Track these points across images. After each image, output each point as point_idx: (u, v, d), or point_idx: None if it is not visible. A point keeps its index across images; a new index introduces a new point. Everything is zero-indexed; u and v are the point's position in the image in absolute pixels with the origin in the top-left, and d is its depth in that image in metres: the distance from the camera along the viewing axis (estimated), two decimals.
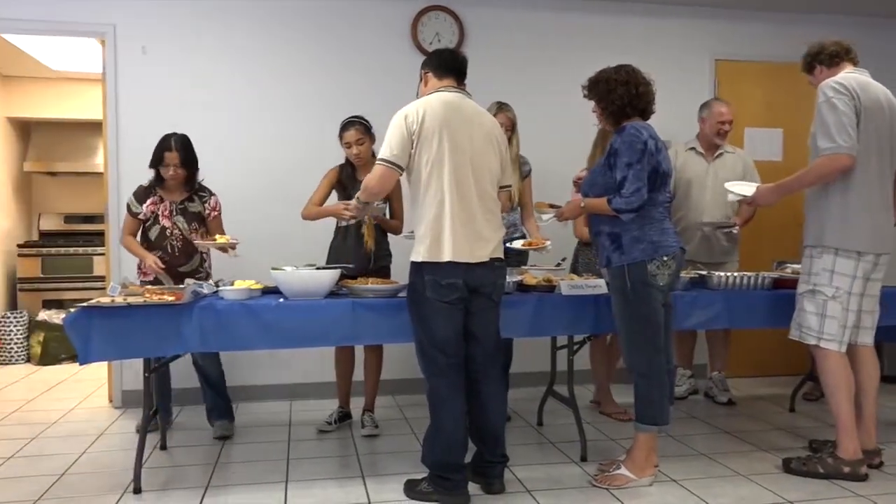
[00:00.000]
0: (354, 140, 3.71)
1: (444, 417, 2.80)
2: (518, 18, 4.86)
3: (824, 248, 3.03)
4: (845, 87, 2.96)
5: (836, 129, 2.91)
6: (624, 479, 2.99)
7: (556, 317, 3.22)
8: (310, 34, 4.63)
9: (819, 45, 3.19)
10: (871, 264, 3.03)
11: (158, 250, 3.69)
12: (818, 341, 3.03)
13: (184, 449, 3.60)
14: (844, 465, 3.03)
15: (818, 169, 2.98)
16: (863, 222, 3.00)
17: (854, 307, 3.03)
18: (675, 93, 4.79)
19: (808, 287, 3.08)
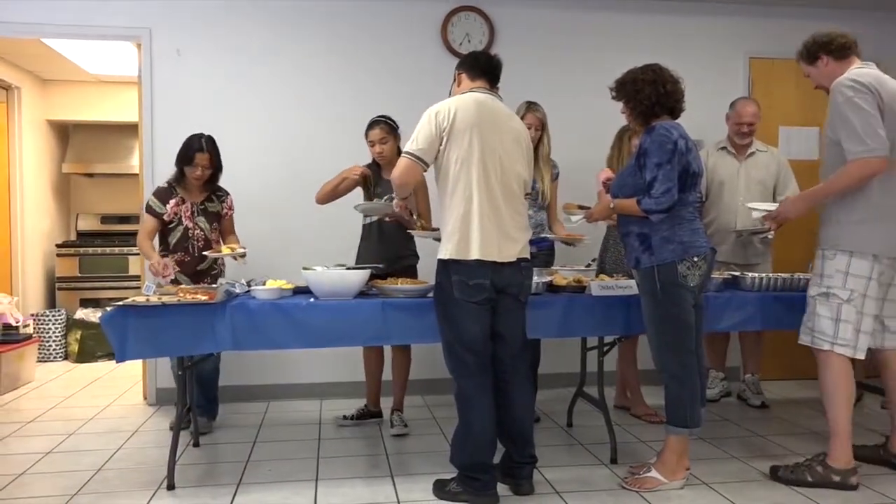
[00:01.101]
0: (378, 139, 3.74)
1: (472, 418, 2.80)
2: (548, 18, 4.85)
3: (839, 249, 2.91)
4: (864, 85, 2.82)
5: (864, 130, 2.77)
6: (654, 481, 2.96)
7: (586, 318, 3.21)
8: (341, 35, 4.67)
9: (827, 34, 3.01)
10: (888, 267, 2.93)
11: (181, 251, 3.75)
12: (832, 347, 2.92)
13: (216, 446, 3.66)
14: (835, 473, 2.94)
15: (852, 174, 2.82)
16: (881, 225, 2.88)
17: (870, 311, 2.91)
18: (709, 92, 4.74)
19: (820, 290, 2.96)
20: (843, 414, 2.93)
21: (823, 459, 3.00)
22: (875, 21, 5.14)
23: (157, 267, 3.62)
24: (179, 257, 3.75)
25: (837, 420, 2.94)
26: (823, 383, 2.98)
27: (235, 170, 4.25)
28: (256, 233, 4.35)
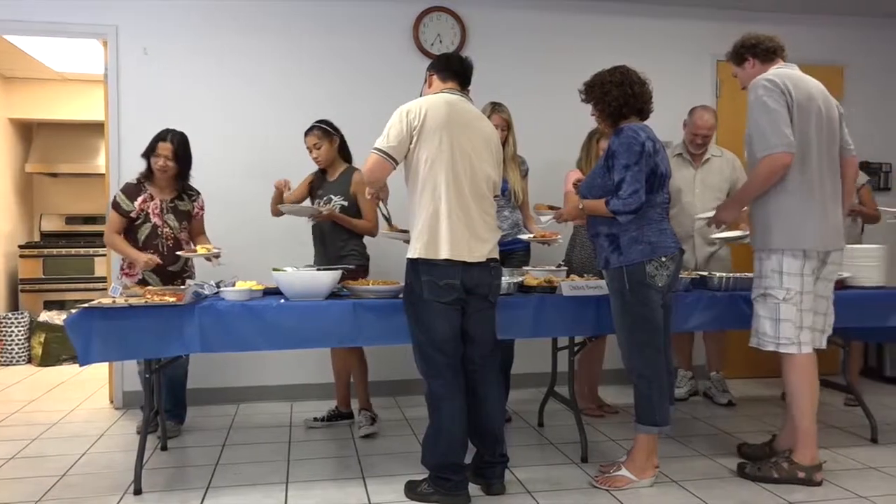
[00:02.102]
0: (311, 145, 3.80)
1: (443, 418, 2.80)
2: (520, 19, 4.87)
3: (771, 249, 2.98)
4: (775, 84, 2.90)
5: (770, 128, 2.86)
6: (624, 480, 2.99)
7: (557, 318, 3.22)
8: (311, 35, 4.64)
9: (755, 37, 3.11)
10: (818, 261, 2.99)
11: (150, 250, 3.68)
12: (776, 346, 2.98)
13: (184, 450, 3.61)
14: (800, 470, 2.99)
15: (761, 173, 2.91)
16: (807, 220, 2.94)
17: (808, 306, 2.98)
18: (677, 94, 4.79)
19: (760, 291, 3.03)
20: (807, 412, 2.98)
21: (789, 456, 3.05)
22: (838, 26, 5.27)
23: (150, 262, 3.58)
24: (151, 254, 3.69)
25: (802, 418, 2.99)
26: (788, 382, 3.03)
27: (203, 170, 4.19)
28: (225, 233, 4.30)
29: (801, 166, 2.93)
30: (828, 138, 3.01)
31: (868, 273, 3.64)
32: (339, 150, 3.87)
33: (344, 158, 3.90)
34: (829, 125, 3.02)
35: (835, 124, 3.06)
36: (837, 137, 3.08)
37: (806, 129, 2.94)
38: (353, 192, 3.77)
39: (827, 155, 3.01)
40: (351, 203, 3.77)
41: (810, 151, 2.95)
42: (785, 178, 2.92)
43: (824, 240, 2.97)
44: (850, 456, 3.41)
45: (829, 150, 3.02)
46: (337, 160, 3.86)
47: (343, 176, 3.83)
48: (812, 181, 2.96)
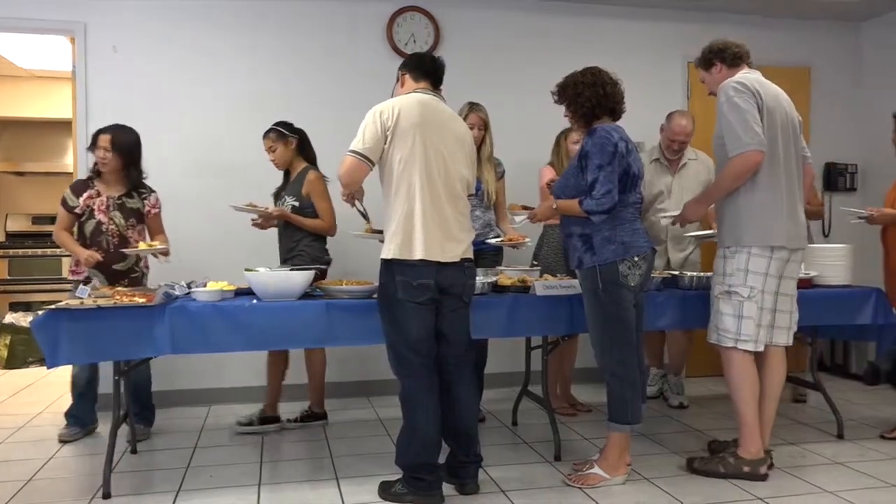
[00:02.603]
0: (267, 147, 3.83)
1: (417, 418, 2.80)
2: (493, 19, 4.88)
3: (738, 248, 3.02)
4: (745, 86, 2.97)
5: (742, 127, 2.91)
6: (597, 478, 3.01)
7: (530, 317, 3.24)
8: (284, 34, 4.61)
9: (724, 42, 3.17)
10: (783, 261, 3.04)
11: (94, 247, 3.61)
12: (735, 343, 3.02)
13: (155, 453, 3.56)
14: (745, 464, 3.05)
15: (732, 171, 2.96)
16: (774, 219, 2.99)
17: (769, 305, 3.04)
18: (650, 95, 4.85)
19: (723, 288, 3.07)
20: (749, 407, 3.04)
21: (734, 451, 3.11)
22: (804, 29, 5.36)
23: (90, 259, 3.51)
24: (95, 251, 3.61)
25: (745, 413, 3.05)
26: (729, 379, 3.09)
27: (172, 169, 4.16)
28: (194, 233, 4.27)
29: (770, 166, 2.99)
30: (793, 142, 3.08)
31: (834, 272, 3.71)
32: (299, 151, 3.87)
33: (307, 159, 3.89)
34: (792, 129, 3.09)
35: (797, 129, 3.14)
36: (800, 142, 3.15)
37: (773, 131, 3.00)
38: (305, 192, 3.76)
39: (794, 158, 3.08)
40: (304, 203, 3.76)
41: (777, 152, 3.01)
42: (755, 176, 2.97)
43: (791, 238, 3.03)
44: (816, 451, 3.47)
45: (794, 154, 3.09)
46: (296, 161, 3.87)
47: (298, 176, 3.83)
48: (779, 180, 3.01)
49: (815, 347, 3.93)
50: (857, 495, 2.90)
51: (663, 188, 4.25)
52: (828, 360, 5.32)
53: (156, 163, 4.33)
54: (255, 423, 3.89)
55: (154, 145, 4.35)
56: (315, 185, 3.76)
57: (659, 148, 4.32)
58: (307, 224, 3.75)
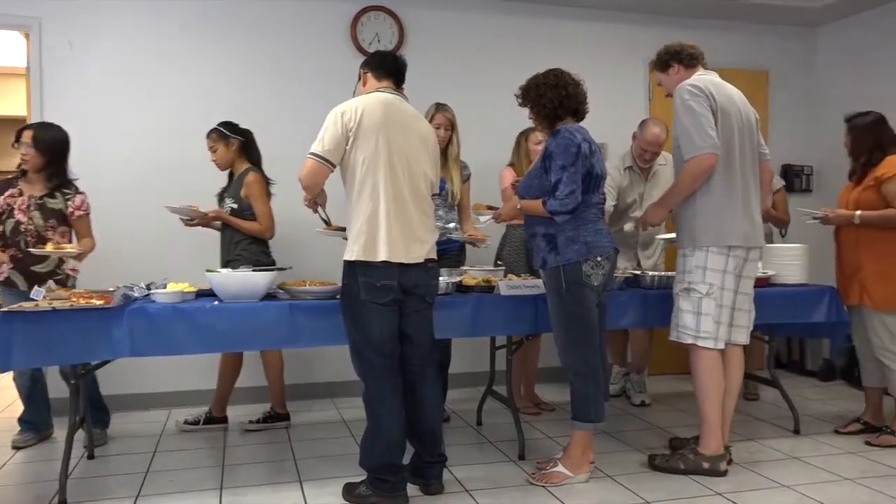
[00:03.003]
0: (208, 148, 3.81)
1: (381, 419, 2.79)
2: (458, 20, 4.89)
3: (696, 247, 3.08)
4: (700, 89, 3.02)
5: (696, 130, 2.96)
6: (561, 476, 3.04)
7: (494, 317, 3.25)
8: (246, 34, 4.55)
9: (679, 45, 3.23)
10: (741, 259, 3.10)
11: (14, 247, 3.51)
12: (695, 340, 3.08)
13: (112, 458, 3.49)
14: (705, 460, 3.10)
15: (688, 174, 3.01)
16: (731, 219, 3.05)
17: (728, 303, 3.09)
18: (612, 96, 4.90)
19: (683, 286, 3.13)
20: (713, 405, 3.10)
21: (694, 448, 3.17)
22: (763, 34, 5.47)
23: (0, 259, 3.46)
24: (13, 253, 3.51)
25: (708, 410, 3.10)
26: (696, 377, 3.13)
27: (128, 168, 4.08)
28: (150, 234, 4.19)
29: (725, 167, 3.04)
30: (749, 141, 3.14)
31: (791, 271, 3.80)
32: (243, 153, 3.84)
33: (251, 161, 3.86)
34: (748, 129, 3.14)
35: (753, 129, 3.19)
36: (756, 141, 3.21)
37: (728, 132, 3.05)
38: (244, 194, 3.74)
39: (749, 157, 3.14)
40: (243, 205, 3.74)
41: (733, 153, 3.06)
42: (710, 178, 3.02)
43: (747, 237, 3.08)
44: (774, 447, 3.55)
45: (750, 153, 3.14)
46: (238, 162, 3.84)
47: (239, 178, 3.81)
48: (735, 181, 3.07)
49: (772, 345, 4.02)
50: (813, 489, 2.97)
51: (636, 196, 4.28)
52: (784, 357, 5.45)
53: (111, 162, 4.28)
54: (200, 423, 3.87)
55: (110, 143, 4.30)
56: (253, 187, 3.73)
57: (631, 155, 4.30)
58: (243, 227, 3.72)
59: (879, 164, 3.54)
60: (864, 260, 3.55)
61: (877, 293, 3.51)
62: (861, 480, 3.06)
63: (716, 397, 3.11)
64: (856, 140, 3.66)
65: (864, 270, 3.54)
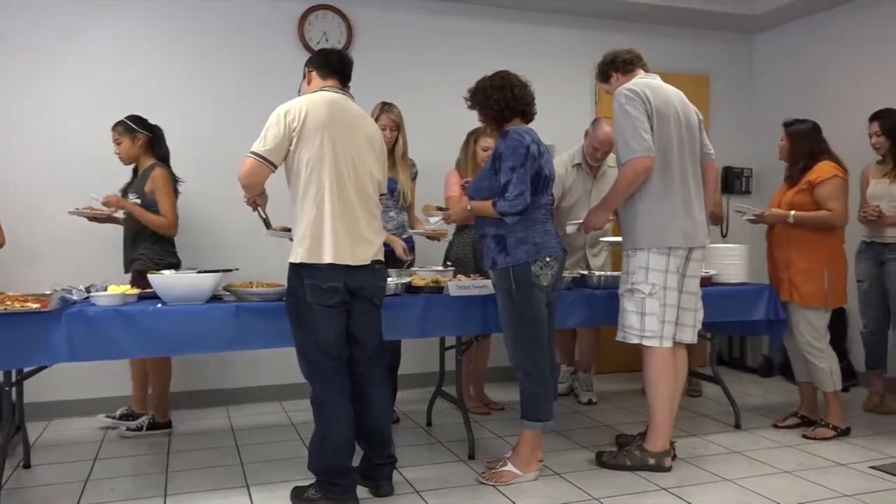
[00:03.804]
0: (113, 140, 3.73)
1: (329, 422, 2.76)
2: (407, 20, 4.87)
3: (638, 248, 3.14)
4: (635, 93, 3.08)
5: (631, 134, 3.03)
6: (510, 475, 3.06)
7: (444, 318, 3.25)
8: (190, 32, 4.45)
9: (613, 53, 3.30)
10: (682, 259, 3.17)
11: None
12: (640, 339, 3.14)
13: (51, 466, 3.37)
14: (651, 457, 3.17)
15: (625, 178, 3.07)
16: (669, 220, 3.11)
17: (672, 302, 3.16)
18: (559, 98, 4.96)
19: (627, 287, 3.18)
20: (663, 403, 3.16)
21: (640, 444, 3.23)
22: (704, 39, 5.62)
23: None
24: None
25: (660, 408, 3.17)
26: (647, 376, 3.19)
27: (64, 168, 3.94)
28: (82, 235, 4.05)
29: (663, 169, 3.09)
30: (688, 141, 3.19)
31: (732, 270, 3.91)
32: (150, 149, 3.78)
33: (158, 157, 3.80)
34: (688, 129, 3.20)
35: (694, 129, 3.24)
36: (697, 141, 3.27)
37: (666, 134, 3.10)
38: (149, 189, 3.68)
39: (689, 157, 3.19)
40: (148, 201, 3.68)
41: (671, 154, 3.11)
42: (648, 180, 3.08)
43: (687, 238, 3.14)
44: (716, 441, 3.64)
45: (689, 153, 3.20)
46: (144, 158, 3.78)
47: (144, 173, 3.75)
48: (674, 183, 3.12)
49: (714, 343, 4.13)
50: (753, 482, 3.06)
51: (583, 194, 4.32)
52: (726, 354, 5.60)
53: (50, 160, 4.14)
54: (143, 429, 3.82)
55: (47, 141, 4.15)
56: (159, 182, 3.66)
57: (582, 153, 4.34)
58: (147, 218, 3.65)
59: (812, 169, 3.68)
60: (795, 259, 3.67)
61: (805, 290, 3.64)
62: (799, 473, 3.17)
63: (667, 396, 3.16)
64: (793, 146, 3.79)
65: (794, 269, 3.67)
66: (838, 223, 3.66)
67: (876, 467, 3.22)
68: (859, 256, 4.25)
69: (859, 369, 4.63)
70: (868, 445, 3.54)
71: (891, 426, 3.88)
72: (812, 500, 2.86)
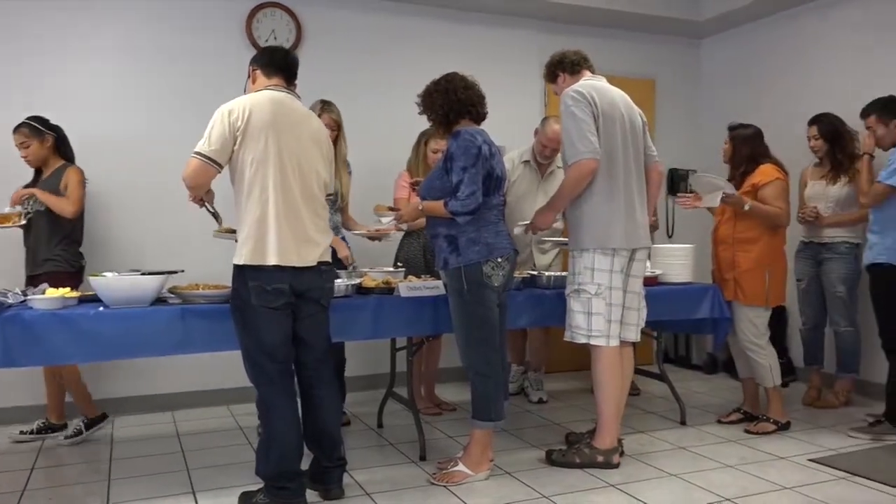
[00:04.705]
0: (19, 143, 3.65)
1: (276, 425, 2.72)
2: (357, 20, 4.83)
3: (583, 249, 3.18)
4: (582, 94, 3.12)
5: (577, 136, 3.07)
6: (461, 475, 3.06)
7: (395, 319, 3.24)
8: (135, 28, 4.33)
9: (561, 54, 3.34)
10: (626, 259, 3.23)
11: None
12: (588, 339, 3.18)
13: None
14: (599, 454, 3.23)
15: (571, 179, 3.11)
16: (613, 221, 3.15)
17: (617, 302, 3.21)
18: (510, 98, 4.99)
19: (573, 287, 3.23)
20: (610, 401, 3.21)
21: (589, 442, 3.28)
22: (651, 44, 5.73)
23: None
24: None
25: (607, 406, 3.22)
26: (595, 372, 3.24)
27: (16, 169, 3.81)
28: None
29: (608, 171, 3.14)
30: (632, 144, 3.24)
31: (678, 270, 3.99)
32: (56, 150, 3.70)
33: (64, 157, 3.73)
34: (632, 131, 3.25)
35: (638, 131, 3.30)
36: (642, 143, 3.32)
37: (611, 136, 3.14)
38: (62, 185, 3.62)
39: (633, 159, 3.24)
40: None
41: (616, 156, 3.16)
42: (593, 182, 3.12)
43: (630, 239, 3.19)
44: (662, 438, 3.72)
45: (634, 155, 3.25)
46: (52, 159, 3.70)
47: (56, 172, 3.67)
48: (618, 184, 3.17)
49: (660, 341, 4.21)
50: (698, 476, 3.13)
51: (529, 191, 4.34)
52: (672, 352, 5.72)
53: None
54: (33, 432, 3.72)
55: None
56: (72, 176, 3.62)
57: (532, 151, 4.38)
58: (52, 200, 3.56)
59: (754, 172, 3.78)
60: (739, 259, 3.76)
61: (748, 289, 3.74)
62: (741, 466, 3.26)
63: (615, 395, 3.21)
64: (735, 149, 3.88)
65: (739, 269, 3.76)
66: (783, 222, 3.78)
67: (814, 460, 3.33)
68: (798, 256, 4.40)
69: (798, 365, 4.78)
70: (806, 439, 3.66)
71: (828, 419, 4.02)
72: (753, 493, 2.94)
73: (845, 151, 4.18)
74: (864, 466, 3.22)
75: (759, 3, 5.07)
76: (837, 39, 4.80)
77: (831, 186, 4.24)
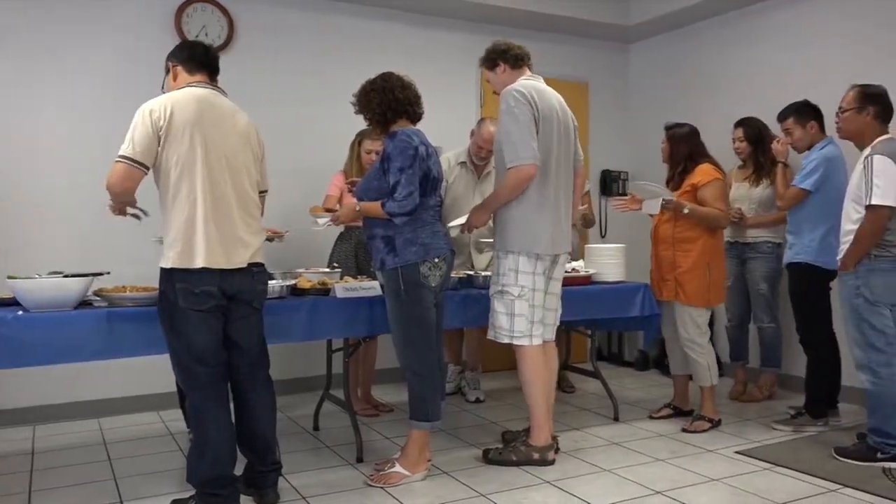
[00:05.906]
0: None
1: (208, 430, 2.64)
2: (291, 18, 4.74)
3: (509, 251, 3.20)
4: (524, 96, 3.12)
5: (519, 140, 3.06)
6: (398, 476, 3.05)
7: (331, 320, 3.20)
8: (62, 23, 4.14)
9: (506, 44, 3.33)
10: (549, 262, 3.27)
11: None
12: (511, 339, 3.22)
13: None
14: (535, 451, 3.28)
15: (509, 183, 3.09)
16: (540, 228, 3.15)
17: (539, 303, 3.26)
18: (446, 99, 5.01)
19: (497, 288, 3.25)
20: (539, 398, 3.26)
21: (525, 440, 3.32)
22: (584, 47, 5.84)
23: None
24: None
25: (537, 404, 3.26)
26: (521, 373, 3.27)
27: None
28: None
29: (542, 176, 3.15)
30: (564, 148, 3.27)
31: (610, 269, 4.07)
32: None
33: None
34: (566, 136, 3.28)
35: (570, 135, 3.33)
36: (573, 148, 3.36)
37: (548, 140, 3.16)
38: None
39: (564, 164, 3.27)
40: None
41: (549, 162, 3.18)
42: (527, 187, 3.13)
43: (554, 245, 3.23)
44: (596, 434, 3.79)
45: (565, 161, 3.27)
46: None
47: None
48: (549, 191, 3.19)
49: (594, 339, 4.30)
50: (631, 471, 3.21)
51: (466, 192, 4.35)
52: (605, 349, 5.84)
53: None
54: None
55: None
56: None
57: (468, 152, 4.38)
58: None
59: (693, 172, 3.85)
60: (680, 259, 3.83)
61: (689, 289, 3.81)
62: (672, 460, 3.35)
63: (543, 391, 3.26)
64: (673, 148, 3.94)
65: (680, 269, 3.83)
66: (723, 224, 3.87)
67: (740, 452, 3.46)
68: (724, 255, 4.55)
69: (724, 360, 4.95)
70: (733, 432, 3.79)
71: (753, 412, 4.19)
72: (683, 486, 3.03)
73: (767, 154, 4.34)
74: (787, 457, 3.36)
75: (687, 10, 5.23)
76: (763, 45, 4.98)
77: (754, 188, 4.40)
